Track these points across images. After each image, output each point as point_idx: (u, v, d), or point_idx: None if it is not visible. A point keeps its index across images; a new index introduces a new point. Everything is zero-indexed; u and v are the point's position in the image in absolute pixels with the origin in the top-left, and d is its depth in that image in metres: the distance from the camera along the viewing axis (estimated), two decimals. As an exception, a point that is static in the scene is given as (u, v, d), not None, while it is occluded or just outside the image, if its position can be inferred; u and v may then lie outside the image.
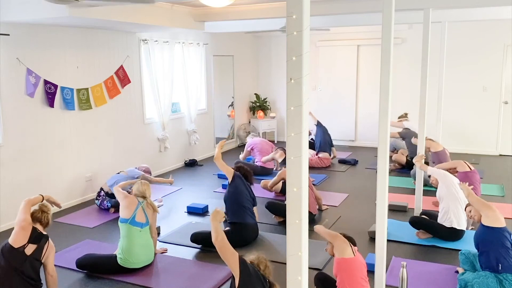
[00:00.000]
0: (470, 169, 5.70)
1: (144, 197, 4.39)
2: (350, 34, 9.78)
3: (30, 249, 3.41)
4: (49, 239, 3.56)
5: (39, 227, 3.56)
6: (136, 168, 6.30)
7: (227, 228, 4.79)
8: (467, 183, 5.59)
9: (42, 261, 3.49)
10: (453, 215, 4.66)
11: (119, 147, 6.95)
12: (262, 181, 6.58)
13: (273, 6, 6.46)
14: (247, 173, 5.18)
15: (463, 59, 8.98)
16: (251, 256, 3.11)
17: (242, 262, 2.93)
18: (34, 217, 3.59)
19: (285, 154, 6.37)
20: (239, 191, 4.92)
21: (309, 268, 3.59)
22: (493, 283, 3.45)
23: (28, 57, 5.48)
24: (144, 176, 5.97)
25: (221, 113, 9.77)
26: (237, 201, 4.86)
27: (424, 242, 4.75)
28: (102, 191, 5.96)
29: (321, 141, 8.33)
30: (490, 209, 3.71)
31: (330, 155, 8.36)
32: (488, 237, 3.62)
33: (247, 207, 4.86)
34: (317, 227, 3.62)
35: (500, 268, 3.50)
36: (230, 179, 4.99)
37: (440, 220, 4.77)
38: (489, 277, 3.50)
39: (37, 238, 3.46)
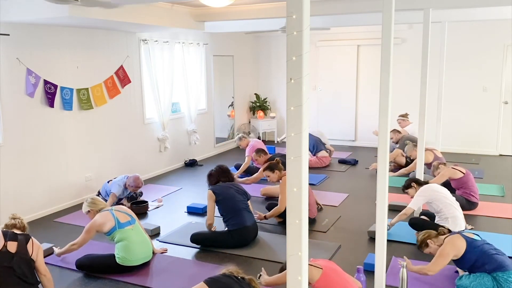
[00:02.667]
0: (463, 172, 5.68)
1: (105, 206, 4.38)
2: (350, 34, 9.78)
3: (12, 247, 3.38)
4: (32, 238, 3.54)
5: (16, 231, 3.56)
6: (127, 176, 5.89)
7: (226, 229, 4.78)
8: (462, 190, 5.65)
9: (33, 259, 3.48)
10: (451, 220, 4.66)
11: (119, 147, 6.95)
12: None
13: (273, 6, 6.46)
14: (221, 179, 5.02)
15: (463, 59, 8.97)
16: (222, 271, 3.17)
17: (208, 282, 3.02)
18: (9, 225, 3.61)
19: (280, 161, 6.31)
20: (229, 196, 4.80)
21: (309, 268, 3.58)
22: (489, 281, 3.54)
23: (28, 57, 5.48)
24: (112, 195, 5.71)
25: (221, 113, 9.77)
26: (231, 206, 4.76)
27: (424, 242, 4.74)
28: (100, 195, 5.92)
29: (313, 143, 8.30)
30: (448, 254, 3.65)
31: (327, 153, 8.34)
32: (468, 262, 3.67)
33: (242, 208, 4.78)
34: (265, 281, 3.54)
35: (490, 271, 3.58)
36: (214, 199, 4.79)
37: (437, 222, 4.78)
38: (484, 276, 3.58)
39: (12, 236, 3.45)
